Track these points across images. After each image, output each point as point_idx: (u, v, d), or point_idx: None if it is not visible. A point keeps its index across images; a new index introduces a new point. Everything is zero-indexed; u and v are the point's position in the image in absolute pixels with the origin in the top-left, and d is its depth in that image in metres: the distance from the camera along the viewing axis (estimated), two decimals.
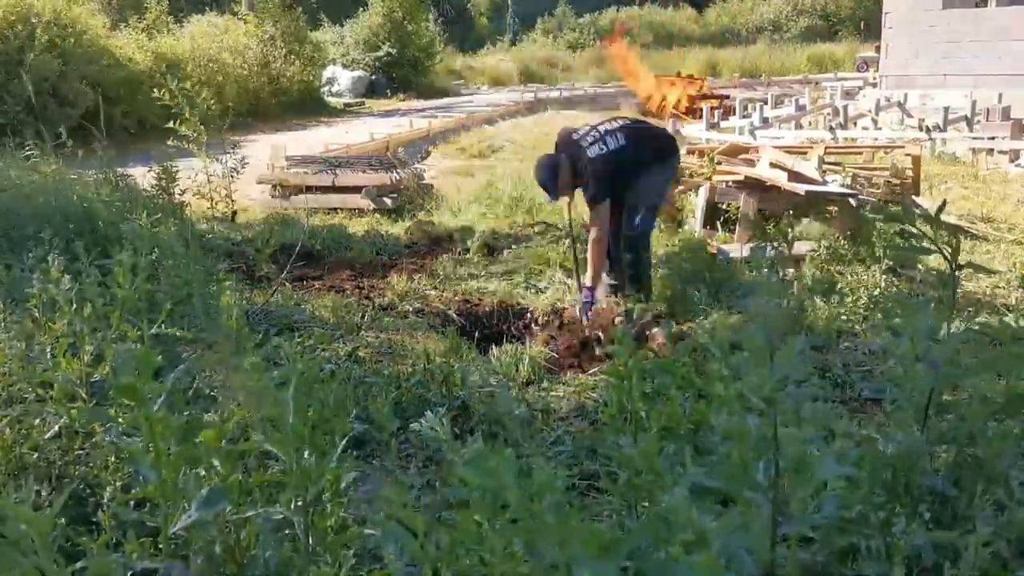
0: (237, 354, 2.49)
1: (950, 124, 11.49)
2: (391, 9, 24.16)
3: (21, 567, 1.08)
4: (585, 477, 2.56)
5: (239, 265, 4.99)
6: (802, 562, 1.17)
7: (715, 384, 1.14)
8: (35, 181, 4.96)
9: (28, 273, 2.92)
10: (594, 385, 3.51)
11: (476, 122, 15.99)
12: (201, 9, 21.76)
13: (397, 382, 3.22)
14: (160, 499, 1.30)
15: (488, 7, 40.13)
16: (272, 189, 8.46)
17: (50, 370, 2.31)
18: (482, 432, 2.85)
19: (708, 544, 0.88)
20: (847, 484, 1.26)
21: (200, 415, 1.37)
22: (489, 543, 1.02)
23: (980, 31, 13.02)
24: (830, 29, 35.84)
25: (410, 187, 8.34)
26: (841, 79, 20.99)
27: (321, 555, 1.44)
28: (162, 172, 5.18)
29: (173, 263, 3.11)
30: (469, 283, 5.20)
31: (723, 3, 39.87)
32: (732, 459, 1.03)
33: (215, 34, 17.70)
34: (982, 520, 1.33)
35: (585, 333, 4.21)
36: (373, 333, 4.04)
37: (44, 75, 11.62)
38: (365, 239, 6.42)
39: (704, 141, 10.79)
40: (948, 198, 7.47)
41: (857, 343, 3.88)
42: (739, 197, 6.01)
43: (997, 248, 5.95)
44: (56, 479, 2.18)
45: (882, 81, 14.62)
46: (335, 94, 22.18)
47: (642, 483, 1.40)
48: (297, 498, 1.35)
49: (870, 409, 3.14)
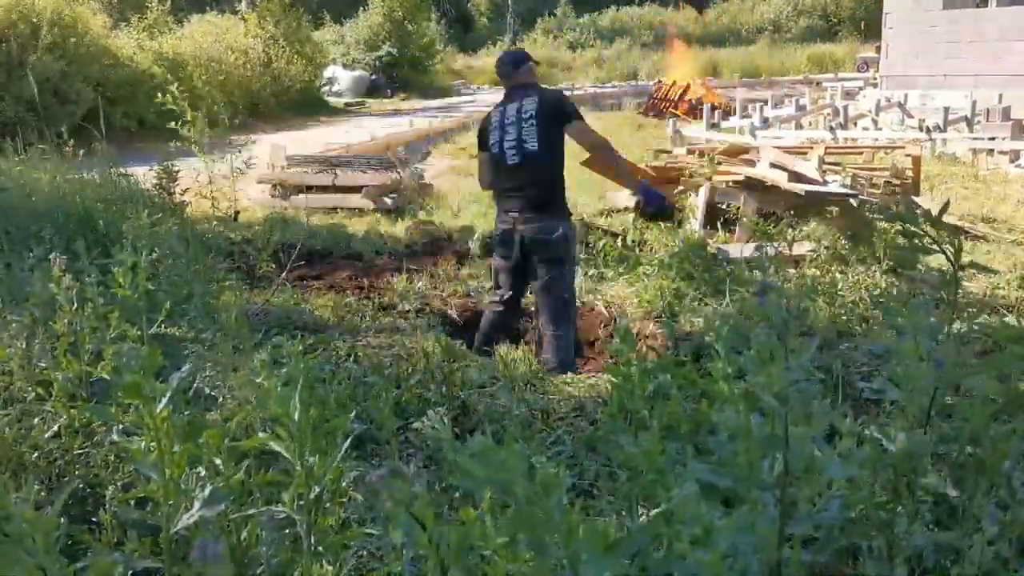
0: (237, 354, 2.49)
1: (950, 124, 11.49)
2: (391, 9, 24.18)
3: (24, 566, 1.08)
4: (585, 477, 2.56)
5: (239, 265, 4.98)
6: (805, 562, 1.17)
7: (719, 383, 1.14)
8: (37, 180, 4.96)
9: (29, 272, 2.92)
10: (594, 384, 3.51)
11: (476, 122, 15.97)
12: (202, 9, 21.77)
13: (397, 382, 3.22)
14: (162, 498, 1.30)
15: (488, 7, 40.12)
16: (272, 189, 8.46)
17: (50, 369, 2.31)
18: (482, 432, 2.85)
19: (715, 542, 0.88)
20: (850, 484, 1.26)
21: (202, 414, 1.37)
22: (492, 540, 1.02)
23: (980, 31, 13.02)
24: (830, 29, 35.86)
25: (410, 187, 8.34)
26: (842, 79, 21.00)
27: (323, 554, 1.44)
28: (162, 172, 5.18)
29: (173, 263, 3.11)
30: (469, 283, 5.19)
31: (723, 3, 39.88)
32: (739, 458, 1.02)
33: (217, 33, 17.70)
34: (988, 519, 1.33)
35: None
36: (373, 333, 4.04)
37: (46, 75, 11.63)
38: (365, 239, 6.42)
39: (704, 141, 10.80)
40: (948, 198, 7.48)
41: (857, 343, 3.88)
42: (739, 197, 6.01)
43: (997, 248, 5.95)
44: (56, 478, 2.18)
45: (882, 81, 14.62)
46: (335, 94, 22.19)
47: (643, 482, 1.39)
48: (299, 497, 1.35)
49: (871, 410, 3.13)
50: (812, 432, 1.07)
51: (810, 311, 4.17)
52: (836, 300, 4.30)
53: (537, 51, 31.82)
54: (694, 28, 37.01)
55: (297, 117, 17.46)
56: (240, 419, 1.63)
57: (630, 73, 28.31)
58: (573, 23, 36.05)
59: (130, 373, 1.22)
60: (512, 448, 0.87)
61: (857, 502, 1.30)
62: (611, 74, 28.20)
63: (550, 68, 29.46)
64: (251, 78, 17.22)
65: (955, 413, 1.48)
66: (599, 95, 21.81)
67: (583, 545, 0.82)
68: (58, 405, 2.30)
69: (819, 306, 4.22)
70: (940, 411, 1.46)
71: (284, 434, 1.30)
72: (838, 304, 4.26)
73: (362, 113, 19.60)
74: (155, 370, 1.28)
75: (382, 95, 23.03)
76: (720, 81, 23.56)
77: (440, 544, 0.98)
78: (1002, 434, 1.41)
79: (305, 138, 13.41)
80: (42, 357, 2.37)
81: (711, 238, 5.76)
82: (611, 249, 5.45)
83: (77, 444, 2.26)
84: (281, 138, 12.91)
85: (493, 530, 1.02)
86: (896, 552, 1.38)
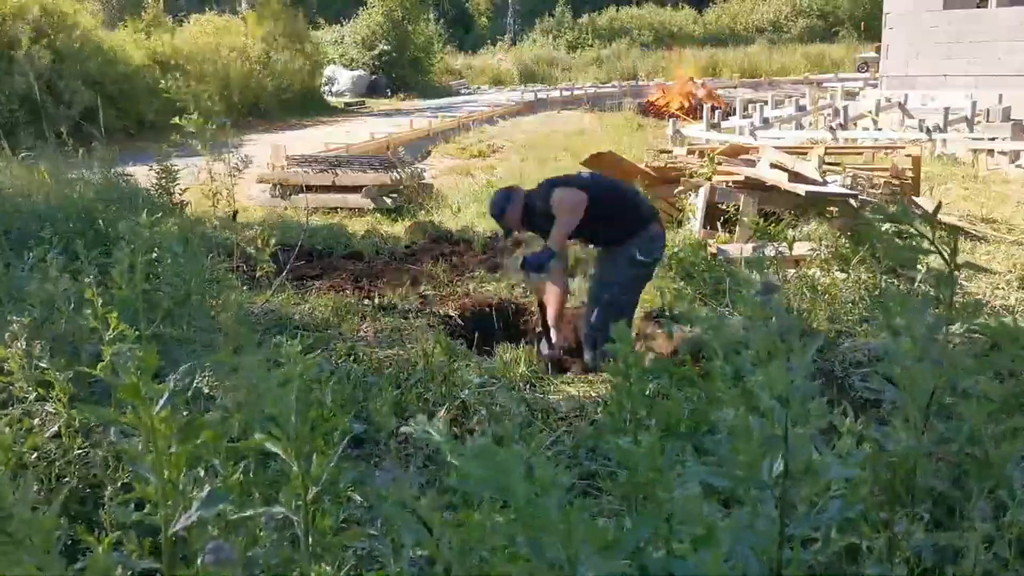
0: (236, 353, 2.49)
1: (950, 125, 11.49)
2: (391, 8, 24.18)
3: (24, 566, 1.08)
4: (585, 477, 2.56)
5: (239, 265, 4.98)
6: (805, 562, 1.17)
7: (718, 383, 1.14)
8: (35, 180, 4.95)
9: (28, 272, 2.92)
10: (594, 384, 3.51)
11: (476, 122, 16.00)
12: (201, 8, 21.77)
13: (397, 382, 3.22)
14: (160, 499, 1.29)
15: (488, 7, 40.12)
16: (272, 188, 8.46)
17: (50, 370, 2.31)
18: (482, 432, 2.85)
19: (717, 542, 0.88)
20: (850, 484, 1.26)
21: (200, 415, 1.37)
22: (491, 541, 1.02)
23: (981, 31, 13.02)
24: (829, 29, 35.88)
25: (410, 187, 8.34)
26: (842, 80, 21.00)
27: (321, 555, 1.43)
28: (162, 171, 5.18)
29: (172, 262, 3.11)
30: (468, 283, 5.19)
31: (723, 3, 39.89)
32: (739, 458, 1.02)
33: (216, 32, 17.71)
34: (979, 513, 1.33)
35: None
36: (373, 333, 4.04)
37: (38, 71, 11.59)
38: (365, 239, 6.42)
39: (704, 141, 10.80)
40: (948, 199, 7.48)
41: (857, 343, 3.88)
42: (739, 197, 6.01)
43: (997, 249, 5.95)
44: (55, 479, 2.18)
45: (882, 81, 14.62)
46: (335, 93, 22.20)
47: (643, 482, 1.39)
48: (297, 498, 1.35)
49: (869, 410, 3.13)
50: (811, 431, 1.07)
51: (810, 311, 4.17)
52: (836, 300, 4.30)
53: (536, 51, 31.89)
54: (694, 28, 37.04)
55: (297, 117, 17.46)
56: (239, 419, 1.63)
57: (630, 73, 28.30)
58: (572, 23, 36.04)
59: (128, 374, 1.22)
60: (511, 448, 0.87)
61: (856, 502, 1.30)
62: (611, 74, 28.17)
63: (550, 68, 29.48)
64: (250, 77, 17.22)
65: (953, 413, 1.48)
66: (599, 95, 21.79)
67: (581, 545, 0.82)
68: (58, 406, 2.29)
69: (819, 306, 4.22)
70: (939, 411, 1.46)
71: (281, 435, 1.30)
72: (838, 304, 4.26)
73: (362, 113, 19.60)
74: (153, 371, 1.28)
75: (382, 95, 23.04)
76: (719, 81, 23.56)
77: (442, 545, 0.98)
78: (1000, 434, 1.41)
79: (305, 138, 13.41)
80: (42, 357, 2.37)
81: (711, 238, 5.76)
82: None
83: (76, 445, 2.26)
84: (281, 137, 12.92)
85: (492, 531, 1.02)
86: (895, 552, 1.38)
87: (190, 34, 17.54)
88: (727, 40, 33.70)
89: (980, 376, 1.42)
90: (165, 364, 1.50)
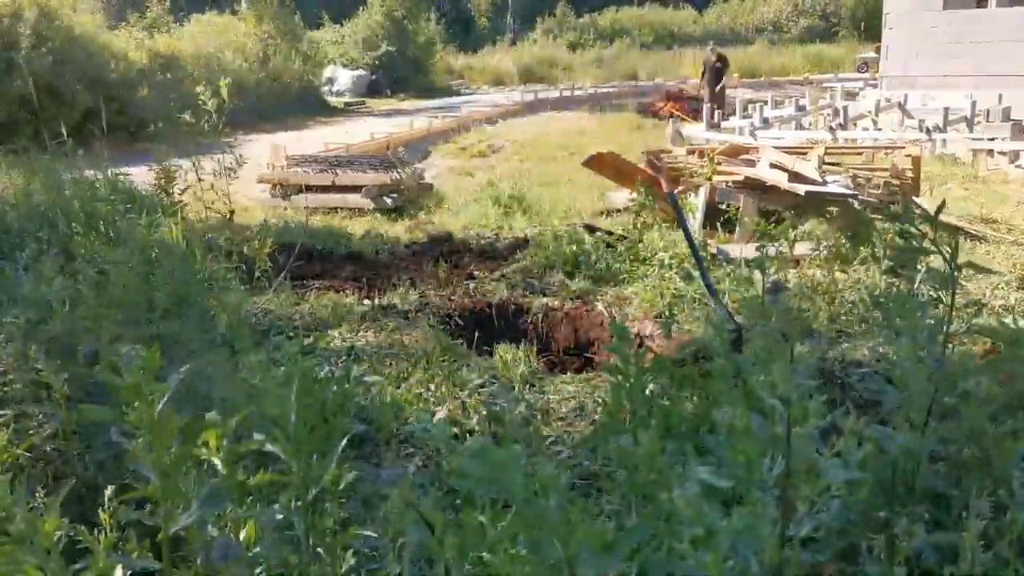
0: (236, 354, 2.49)
1: (950, 125, 11.49)
2: (391, 8, 24.18)
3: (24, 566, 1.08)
4: (585, 477, 2.56)
5: (239, 265, 4.98)
6: (805, 562, 1.16)
7: (719, 383, 1.14)
8: (34, 180, 4.95)
9: (24, 272, 2.92)
10: (594, 384, 3.51)
11: (476, 122, 16.00)
12: (201, 8, 21.77)
13: (397, 382, 3.22)
14: (160, 499, 1.29)
15: (488, 7, 40.09)
16: (272, 188, 8.46)
17: (46, 370, 2.31)
18: (481, 432, 2.85)
19: (717, 542, 0.88)
20: (850, 484, 1.26)
21: (200, 415, 1.37)
22: (490, 541, 1.02)
23: (980, 32, 13.02)
24: (830, 29, 35.87)
25: (410, 187, 8.34)
26: (842, 80, 20.99)
27: (321, 555, 1.43)
28: (161, 172, 5.18)
29: (171, 263, 3.11)
30: (469, 283, 5.19)
31: (723, 3, 39.88)
32: (740, 458, 1.02)
33: (215, 32, 17.71)
34: (973, 508, 1.33)
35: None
36: (373, 333, 4.03)
37: (38, 72, 11.57)
38: (365, 239, 6.41)
39: (704, 141, 10.80)
40: (948, 199, 7.47)
41: (857, 344, 3.87)
42: (739, 198, 6.01)
43: (997, 249, 5.94)
44: (53, 479, 2.18)
45: (882, 81, 14.61)
46: (335, 93, 22.19)
47: (643, 481, 1.39)
48: (297, 498, 1.35)
49: (870, 410, 3.13)
50: (812, 431, 1.06)
51: (810, 311, 4.16)
52: (836, 300, 4.30)
53: (537, 51, 31.88)
54: (694, 28, 37.02)
55: (297, 116, 17.45)
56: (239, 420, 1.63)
57: (630, 73, 28.28)
58: (573, 23, 36.03)
59: (131, 374, 1.22)
60: (510, 449, 0.87)
61: (856, 502, 1.30)
62: (611, 74, 28.16)
63: (550, 68, 29.46)
64: (250, 76, 17.22)
65: (954, 414, 1.48)
66: (599, 95, 21.79)
67: (580, 545, 0.82)
68: (56, 406, 2.29)
69: (819, 306, 4.22)
70: (939, 412, 1.46)
71: (281, 435, 1.30)
72: (838, 304, 4.26)
73: (362, 113, 19.60)
74: (155, 371, 1.28)
75: (382, 95, 23.03)
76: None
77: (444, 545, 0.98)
78: (1000, 434, 1.41)
79: (305, 137, 13.41)
80: (38, 358, 2.37)
81: (711, 238, 5.75)
82: (611, 249, 5.45)
83: (75, 445, 2.26)
84: (281, 137, 12.91)
85: (491, 532, 1.02)
86: (895, 552, 1.38)
87: (190, 34, 17.54)
88: (727, 40, 33.68)
89: (981, 376, 1.42)
90: (164, 364, 1.49)
